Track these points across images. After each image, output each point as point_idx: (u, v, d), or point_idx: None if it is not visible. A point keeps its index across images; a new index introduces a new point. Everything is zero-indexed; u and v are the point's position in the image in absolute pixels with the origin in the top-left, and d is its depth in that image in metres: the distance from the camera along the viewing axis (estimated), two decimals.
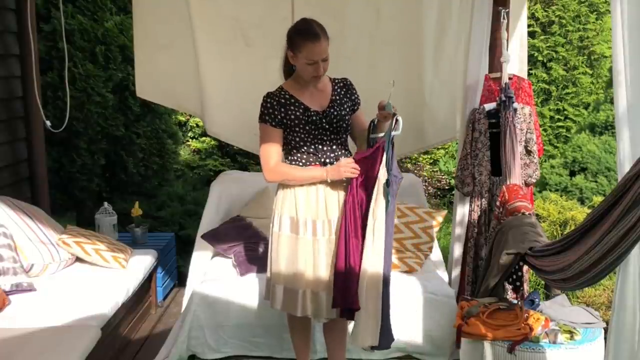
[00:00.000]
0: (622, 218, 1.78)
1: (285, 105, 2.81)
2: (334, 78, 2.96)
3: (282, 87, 2.88)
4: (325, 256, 2.82)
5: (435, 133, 4.34)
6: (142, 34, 4.22)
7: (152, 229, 5.21)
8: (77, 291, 3.33)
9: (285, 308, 2.90)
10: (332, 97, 2.89)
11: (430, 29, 4.13)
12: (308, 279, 2.82)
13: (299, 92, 2.85)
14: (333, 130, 2.85)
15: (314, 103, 2.85)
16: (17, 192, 4.11)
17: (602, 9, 6.81)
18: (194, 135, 7.83)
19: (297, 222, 2.83)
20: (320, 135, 2.83)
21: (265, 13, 4.06)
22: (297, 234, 2.83)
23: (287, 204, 2.85)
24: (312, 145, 2.83)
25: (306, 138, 2.82)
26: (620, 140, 1.93)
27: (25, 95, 4.26)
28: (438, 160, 7.31)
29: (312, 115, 2.82)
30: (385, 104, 2.67)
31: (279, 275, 2.88)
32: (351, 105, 2.93)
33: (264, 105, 2.82)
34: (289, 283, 2.85)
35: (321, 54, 2.72)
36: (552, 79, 6.84)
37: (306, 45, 2.70)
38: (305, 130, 2.81)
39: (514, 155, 3.35)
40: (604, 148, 5.90)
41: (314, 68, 2.74)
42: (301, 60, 2.75)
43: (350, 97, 2.94)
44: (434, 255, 3.98)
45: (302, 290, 2.82)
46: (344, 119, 2.88)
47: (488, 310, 2.75)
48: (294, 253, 2.84)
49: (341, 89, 2.93)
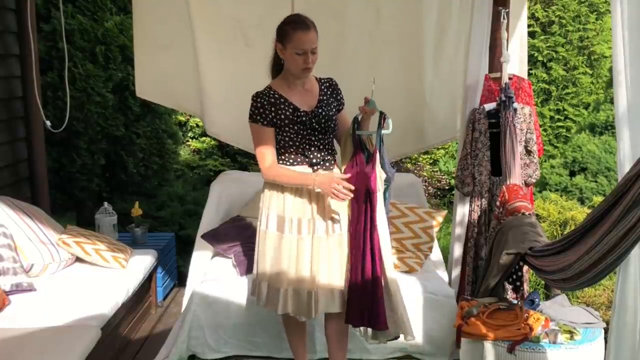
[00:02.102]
0: (622, 218, 1.78)
1: (275, 104, 2.81)
2: (320, 78, 2.96)
3: (270, 87, 2.87)
4: (308, 255, 2.83)
5: (435, 133, 4.34)
6: (142, 34, 4.22)
7: (152, 229, 5.21)
8: (77, 291, 3.33)
9: (268, 305, 2.92)
10: (320, 97, 2.89)
11: (430, 29, 4.13)
12: (290, 277, 2.83)
13: (287, 92, 2.85)
14: (321, 131, 2.86)
15: (302, 103, 2.85)
16: (17, 192, 4.10)
17: (602, 9, 6.80)
18: (194, 135, 7.83)
19: (283, 220, 2.84)
20: (308, 135, 2.84)
21: (265, 13, 4.05)
22: (282, 232, 2.84)
23: (275, 202, 2.87)
24: (301, 145, 2.84)
25: (295, 138, 2.83)
26: (620, 140, 1.93)
27: (25, 95, 4.26)
28: (438, 160, 7.31)
29: (302, 116, 2.82)
30: (370, 101, 2.70)
31: (264, 273, 2.91)
32: (337, 106, 2.95)
33: (255, 105, 2.82)
34: (273, 281, 2.87)
35: (311, 43, 2.72)
36: (552, 79, 6.84)
37: (296, 34, 2.71)
38: (294, 131, 2.82)
39: (514, 155, 3.35)
40: (604, 148, 5.90)
41: (304, 59, 2.74)
42: (290, 50, 2.74)
43: (336, 98, 2.95)
44: (434, 255, 3.98)
45: (284, 289, 2.84)
46: (331, 119, 2.89)
47: (488, 310, 2.75)
48: (279, 251, 2.85)
49: (327, 88, 2.94)
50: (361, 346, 3.38)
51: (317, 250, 2.82)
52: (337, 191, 2.66)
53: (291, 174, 2.81)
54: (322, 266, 2.82)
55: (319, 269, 2.82)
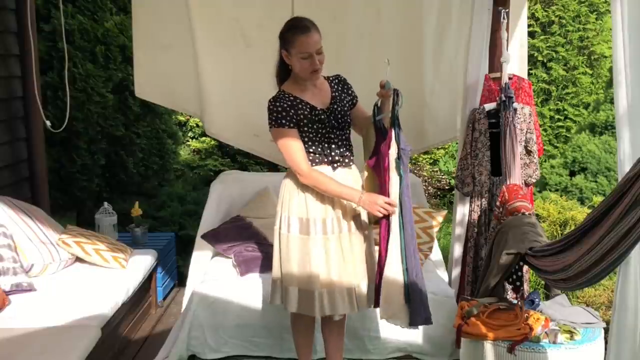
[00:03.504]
0: (622, 218, 1.78)
1: (293, 106, 2.79)
2: (327, 77, 2.95)
3: (283, 90, 2.84)
4: (335, 254, 2.82)
5: (435, 133, 4.34)
6: (142, 34, 4.22)
7: (152, 229, 5.21)
8: (77, 291, 3.33)
9: (302, 309, 2.87)
10: (333, 94, 2.89)
11: (430, 29, 4.12)
12: (323, 279, 2.81)
13: (300, 93, 2.84)
14: (339, 127, 2.85)
15: (317, 102, 2.85)
16: (17, 192, 4.10)
17: (602, 9, 6.81)
18: (194, 135, 7.84)
19: (306, 222, 2.82)
20: (327, 133, 2.83)
21: (265, 13, 4.05)
22: (307, 234, 2.82)
23: (295, 205, 2.84)
24: (320, 144, 2.82)
25: (314, 137, 2.81)
26: (620, 140, 1.94)
27: (25, 95, 4.26)
28: (438, 160, 7.31)
29: (320, 114, 2.81)
30: (385, 82, 2.70)
31: (291, 277, 2.85)
32: (350, 100, 2.95)
33: (275, 110, 2.76)
34: (304, 284, 2.83)
35: (315, 46, 2.71)
36: (552, 79, 6.84)
37: (298, 38, 2.70)
38: (313, 130, 2.80)
39: (514, 155, 3.35)
40: (604, 148, 5.90)
41: (310, 62, 2.73)
42: (296, 56, 2.73)
43: (347, 92, 2.95)
44: (434, 255, 3.98)
45: (319, 291, 2.81)
46: (346, 114, 2.89)
47: (488, 310, 2.75)
48: (306, 254, 2.82)
49: (338, 85, 2.94)
50: (361, 346, 3.38)
51: (346, 247, 2.83)
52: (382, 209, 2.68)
53: (335, 185, 2.76)
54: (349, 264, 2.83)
55: (347, 267, 2.83)
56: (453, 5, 4.03)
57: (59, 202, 5.63)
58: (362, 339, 3.36)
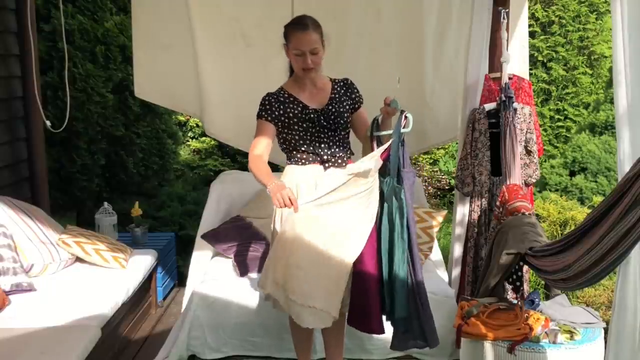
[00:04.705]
0: (622, 218, 1.78)
1: (284, 103, 2.84)
2: (334, 79, 2.97)
3: (281, 88, 2.91)
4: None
5: (436, 133, 4.34)
6: (142, 34, 4.22)
7: (152, 229, 5.21)
8: (77, 291, 3.33)
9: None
10: (332, 95, 2.91)
11: (431, 29, 4.13)
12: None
13: (298, 92, 2.88)
14: (331, 128, 2.86)
15: (312, 101, 2.87)
16: (17, 192, 4.10)
17: (602, 9, 6.81)
18: (194, 135, 7.84)
19: None
20: (317, 132, 2.85)
21: (265, 13, 4.06)
22: None
23: None
24: (311, 143, 2.85)
25: (304, 136, 2.84)
26: (620, 140, 1.94)
27: (25, 95, 4.26)
28: (438, 160, 7.31)
29: (310, 113, 2.84)
30: (392, 101, 2.69)
31: None
32: (351, 104, 2.95)
33: (262, 103, 2.85)
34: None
35: (309, 45, 2.73)
36: (552, 79, 6.84)
37: (295, 34, 2.75)
38: (302, 128, 2.83)
39: (514, 155, 3.35)
40: (604, 148, 5.90)
41: (303, 60, 2.76)
42: (291, 51, 2.79)
43: (350, 96, 2.95)
44: (434, 255, 3.98)
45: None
46: (342, 115, 2.89)
47: (488, 310, 2.75)
48: None
49: (341, 87, 2.96)
50: (361, 346, 3.38)
51: None
52: (281, 199, 2.54)
53: (262, 168, 2.72)
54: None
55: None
56: (453, 5, 4.04)
57: (59, 202, 5.63)
58: (362, 339, 3.36)
